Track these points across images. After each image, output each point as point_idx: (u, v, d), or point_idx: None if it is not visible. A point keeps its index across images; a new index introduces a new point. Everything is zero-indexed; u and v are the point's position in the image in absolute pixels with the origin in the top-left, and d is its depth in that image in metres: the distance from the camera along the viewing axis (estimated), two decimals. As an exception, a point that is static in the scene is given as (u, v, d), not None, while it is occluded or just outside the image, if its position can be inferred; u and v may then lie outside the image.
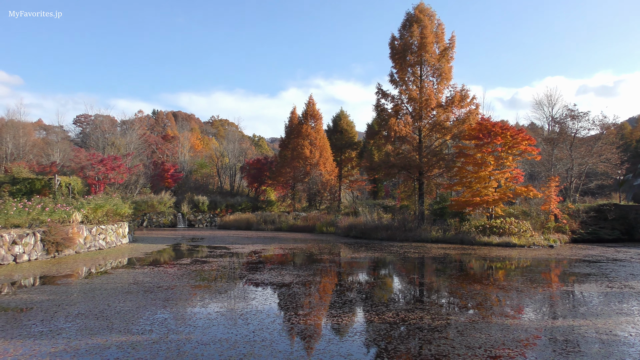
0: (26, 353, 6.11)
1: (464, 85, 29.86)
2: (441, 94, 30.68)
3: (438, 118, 30.11)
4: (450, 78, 30.55)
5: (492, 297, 10.51)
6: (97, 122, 59.74)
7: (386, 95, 32.13)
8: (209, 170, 63.70)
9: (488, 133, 25.86)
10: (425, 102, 29.70)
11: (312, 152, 46.82)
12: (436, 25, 30.63)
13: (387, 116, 31.61)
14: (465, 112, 29.62)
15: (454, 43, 30.43)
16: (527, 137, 25.95)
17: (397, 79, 31.43)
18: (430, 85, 30.69)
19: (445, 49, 30.30)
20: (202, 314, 8.55)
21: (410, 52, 30.34)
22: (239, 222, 41.89)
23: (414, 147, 31.41)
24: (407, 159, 30.56)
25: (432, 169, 30.64)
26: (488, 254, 19.86)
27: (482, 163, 26.19)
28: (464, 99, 29.45)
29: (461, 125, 29.12)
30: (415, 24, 30.07)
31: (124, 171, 36.69)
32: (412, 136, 31.43)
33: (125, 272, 13.95)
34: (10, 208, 17.02)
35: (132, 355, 6.03)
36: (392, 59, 31.50)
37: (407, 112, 31.41)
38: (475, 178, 26.62)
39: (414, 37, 30.04)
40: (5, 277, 12.57)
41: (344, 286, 12.07)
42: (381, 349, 6.52)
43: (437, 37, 30.30)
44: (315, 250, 21.36)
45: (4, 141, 48.14)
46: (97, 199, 23.43)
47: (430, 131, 30.85)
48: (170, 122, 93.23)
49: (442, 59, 30.13)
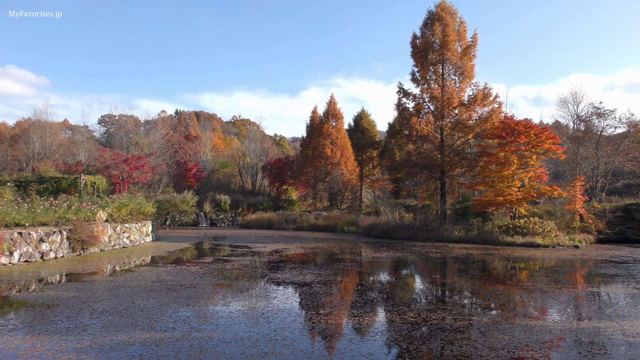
0: (53, 349, 6.23)
1: (487, 84, 29.56)
2: (463, 92, 30.39)
3: (460, 117, 29.84)
4: (472, 76, 30.24)
5: (515, 297, 10.38)
6: (121, 122, 60.56)
7: (407, 94, 31.96)
8: (231, 169, 64.11)
9: (511, 132, 25.53)
10: (447, 100, 29.46)
11: (334, 151, 46.79)
12: (458, 23, 30.35)
13: (409, 115, 31.44)
14: (487, 111, 29.28)
15: (477, 41, 30.12)
16: (551, 136, 25.55)
17: (419, 78, 31.23)
18: (452, 84, 30.42)
19: (468, 47, 30.00)
20: (224, 312, 8.61)
21: (432, 50, 30.12)
22: (260, 221, 42.09)
23: (435, 146, 31.19)
24: (429, 158, 30.36)
25: (454, 168, 30.37)
26: (511, 254, 19.62)
27: (505, 162, 25.86)
28: (486, 98, 29.12)
29: (484, 124, 28.80)
30: (437, 22, 29.84)
31: (147, 170, 37.13)
32: (434, 135, 31.22)
33: (148, 270, 14.14)
34: (38, 206, 17.35)
35: (156, 352, 6.11)
36: (413, 57, 31.31)
37: (429, 111, 31.19)
38: (498, 177, 26.31)
39: (435, 35, 29.81)
40: (32, 274, 12.84)
41: (365, 286, 12.05)
42: (402, 349, 6.49)
43: (459, 35, 30.02)
44: (337, 249, 21.35)
45: (31, 141, 49.17)
46: (122, 197, 23.75)
47: (452, 130, 30.59)
48: (193, 122, 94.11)
49: (464, 57, 29.84)
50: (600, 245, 24.16)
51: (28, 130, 52.82)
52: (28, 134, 51.05)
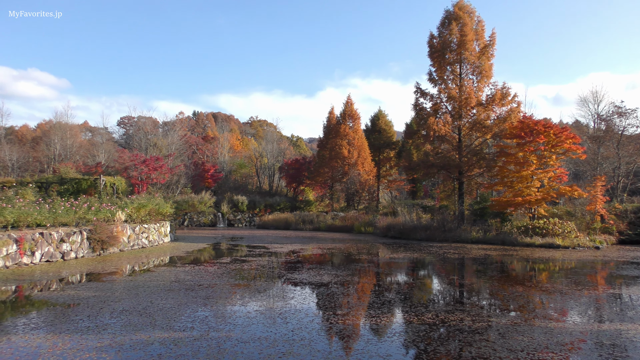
0: (74, 347, 6.32)
1: (505, 83, 29.27)
2: (481, 92, 30.15)
3: (478, 117, 29.61)
4: (490, 76, 29.99)
5: (534, 299, 10.26)
6: (140, 124, 61.22)
7: (425, 94, 31.81)
8: (248, 170, 64.43)
9: (530, 131, 25.27)
10: (465, 100, 29.25)
11: (350, 152, 46.76)
12: (476, 22, 30.13)
13: (426, 115, 31.29)
14: (506, 111, 29.01)
15: (495, 40, 29.86)
16: (571, 136, 25.22)
17: (436, 78, 31.07)
18: (470, 84, 30.20)
19: (486, 46, 29.76)
20: (241, 312, 8.65)
21: (450, 50, 29.95)
22: (277, 222, 42.22)
23: (453, 146, 31.00)
24: (446, 159, 30.19)
25: (472, 169, 30.14)
26: (530, 255, 19.40)
27: (524, 162, 25.60)
28: (505, 97, 28.85)
29: (502, 124, 28.54)
30: (454, 22, 29.65)
31: (165, 171, 37.46)
32: (452, 135, 31.02)
33: (167, 270, 14.26)
34: (59, 207, 17.60)
35: (174, 352, 6.16)
36: (430, 57, 31.16)
37: (447, 111, 31.01)
38: (517, 178, 26.05)
39: (453, 34, 29.63)
40: (53, 274, 13.03)
41: (382, 286, 12.01)
42: (420, 350, 6.46)
43: (477, 35, 29.80)
44: (354, 250, 21.32)
45: (52, 143, 49.97)
46: (140, 198, 23.99)
47: (470, 130, 30.37)
48: (210, 123, 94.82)
49: (482, 57, 29.61)
50: (622, 247, 23.77)
51: (49, 132, 53.73)
52: (49, 136, 51.92)
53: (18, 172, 48.32)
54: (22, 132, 73.13)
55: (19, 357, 5.91)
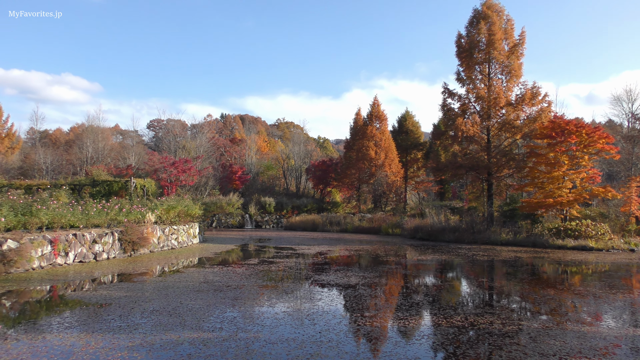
0: (106, 346, 6.45)
1: (535, 82, 28.75)
2: (510, 91, 29.71)
3: (507, 117, 29.17)
4: (520, 75, 29.52)
5: (567, 302, 10.05)
6: (169, 127, 62.18)
7: (452, 95, 31.52)
8: (275, 172, 64.75)
9: (561, 131, 24.78)
10: (494, 100, 28.86)
11: (377, 153, 46.59)
12: (505, 21, 29.72)
13: (454, 116, 31.00)
14: (536, 110, 28.51)
15: (524, 39, 29.40)
16: (604, 135, 24.64)
17: (464, 78, 30.75)
18: (498, 83, 29.79)
19: (515, 45, 29.31)
20: (269, 313, 8.70)
21: (478, 49, 29.60)
22: (304, 223, 42.31)
23: (482, 147, 30.61)
24: (475, 160, 29.83)
25: (501, 170, 29.72)
26: (562, 257, 19.02)
27: (555, 163, 25.12)
28: (535, 97, 28.36)
29: (532, 124, 28.06)
30: (482, 21, 29.31)
31: (194, 173, 37.89)
32: (480, 136, 30.65)
33: (196, 271, 14.43)
34: (91, 209, 17.97)
35: (204, 352, 6.23)
36: (458, 57, 30.86)
37: (475, 112, 30.66)
38: (548, 178, 25.57)
39: (481, 34, 29.29)
40: (86, 274, 13.32)
41: (410, 288, 11.93)
42: (449, 353, 6.39)
43: (506, 34, 29.39)
44: (381, 251, 21.23)
45: (84, 145, 51.09)
46: (170, 200, 24.33)
47: (499, 130, 29.95)
48: (238, 126, 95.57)
49: (512, 56, 29.17)
50: (658, 249, 23.10)
51: (82, 136, 54.94)
52: (82, 139, 53.09)
53: (52, 175, 49.51)
54: (56, 136, 74.93)
55: (54, 355, 6.06)
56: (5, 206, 14.54)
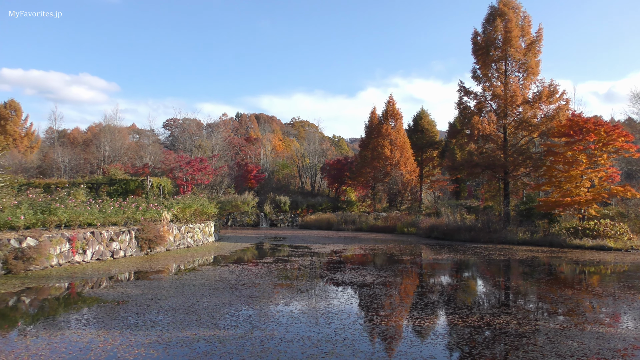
0: (123, 343, 6.52)
1: (553, 80, 28.43)
2: (527, 89, 29.41)
3: (524, 115, 28.87)
4: (537, 73, 29.21)
5: (585, 303, 9.93)
6: (185, 126, 62.58)
7: (468, 93, 31.30)
8: (290, 170, 64.88)
9: (579, 130, 24.48)
10: (511, 98, 28.60)
11: (393, 152, 46.44)
12: (522, 18, 29.42)
13: (470, 114, 30.80)
14: (554, 108, 28.19)
15: (541, 36, 29.07)
16: (623, 134, 24.29)
17: (480, 75, 30.53)
18: (515, 81, 29.51)
19: (532, 42, 29.00)
20: (284, 311, 8.72)
21: (494, 47, 29.37)
22: (319, 222, 42.33)
23: (498, 145, 30.35)
24: (491, 158, 29.60)
25: (518, 168, 29.44)
26: (580, 257, 18.79)
27: (573, 161, 24.83)
28: (552, 95, 28.05)
29: (549, 122, 27.76)
30: (498, 18, 29.06)
31: (209, 172, 38.11)
32: (497, 134, 30.40)
33: (211, 269, 14.52)
34: (108, 207, 18.16)
35: (219, 350, 6.27)
36: (474, 54, 30.64)
37: (491, 110, 30.43)
38: (566, 177, 25.28)
39: (497, 31, 29.03)
40: (103, 272, 13.47)
41: (425, 288, 11.88)
42: (465, 353, 6.35)
43: (522, 31, 29.10)
44: (396, 251, 21.16)
45: (102, 145, 51.66)
46: (186, 199, 24.50)
47: (515, 129, 29.68)
48: (253, 124, 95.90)
49: (529, 53, 28.87)
50: (679, 249, 22.73)
51: (99, 135, 55.55)
52: (99, 138, 53.69)
53: (70, 174, 50.17)
54: (74, 135, 75.87)
55: (72, 351, 6.14)
56: (25, 204, 14.76)
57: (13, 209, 14.18)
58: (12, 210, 14.11)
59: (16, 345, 6.46)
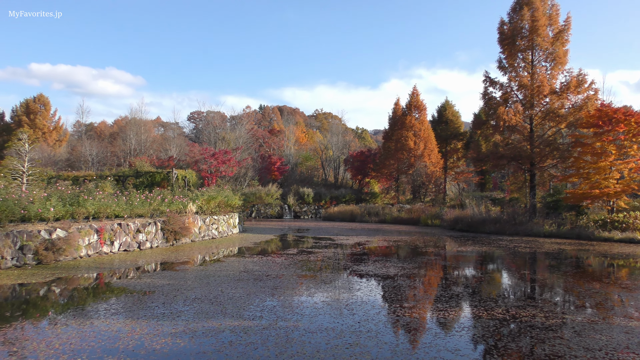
0: (150, 332, 6.64)
1: (581, 70, 27.83)
2: (555, 79, 28.86)
3: (551, 105, 28.37)
4: (565, 62, 28.62)
5: (613, 296, 9.76)
6: (209, 118, 63.13)
7: (494, 83, 30.87)
8: (314, 162, 64.93)
9: (609, 120, 23.94)
10: (537, 88, 28.12)
11: (417, 143, 46.13)
12: (549, 6, 28.82)
13: (495, 105, 30.39)
14: (582, 99, 27.62)
15: (570, 24, 28.46)
16: (655, 124, 23.68)
17: (506, 65, 30.07)
18: (542, 71, 28.98)
19: (560, 31, 28.41)
20: (308, 302, 8.77)
21: (521, 36, 28.87)
22: (343, 214, 42.33)
23: (524, 136, 29.90)
24: (517, 149, 29.19)
25: (544, 160, 28.98)
26: (609, 250, 18.45)
27: (601, 153, 24.32)
28: (580, 84, 27.48)
29: (578, 113, 27.21)
30: (525, 7, 28.54)
31: (233, 164, 38.38)
32: (523, 125, 29.94)
33: (236, 260, 14.66)
34: (135, 199, 18.43)
35: (244, 340, 6.34)
36: (500, 44, 30.18)
37: (517, 100, 29.96)
38: (594, 169, 24.78)
39: (524, 20, 28.52)
40: (131, 262, 13.72)
41: (450, 280, 11.81)
42: (490, 346, 6.31)
43: (550, 19, 28.52)
44: (420, 242, 21.07)
45: (128, 138, 52.43)
46: (210, 191, 24.72)
47: (542, 119, 29.20)
48: (276, 117, 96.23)
49: (556, 42, 28.31)
50: None
51: (125, 128, 56.42)
52: (125, 132, 54.52)
53: (97, 166, 51.04)
54: (101, 128, 77.18)
55: (101, 340, 6.28)
56: (54, 197, 15.07)
57: (43, 201, 14.49)
58: (42, 202, 14.42)
59: (47, 333, 6.63)
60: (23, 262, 12.54)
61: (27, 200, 14.04)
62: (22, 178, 20.13)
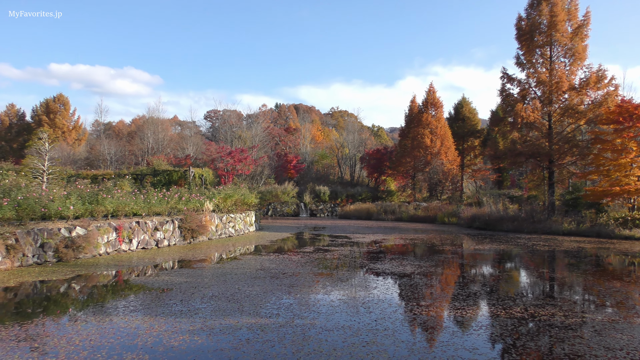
0: (169, 329, 6.69)
1: (601, 65, 27.43)
2: (574, 75, 28.49)
3: (570, 102, 28.01)
4: (584, 58, 28.23)
5: (634, 295, 9.60)
6: (225, 117, 63.43)
7: (512, 80, 30.58)
8: (330, 160, 64.92)
9: (629, 116, 23.56)
10: (556, 85, 27.77)
11: (433, 141, 45.88)
12: (568, 1, 28.43)
13: (513, 101, 30.10)
14: (602, 95, 27.23)
15: (589, 19, 28.06)
16: (677, 120, 23.25)
17: (524, 62, 29.76)
18: (561, 67, 28.61)
19: (579, 26, 28.02)
20: (325, 300, 8.77)
21: (539, 32, 28.54)
22: (359, 212, 42.29)
23: (542, 133, 29.58)
24: (535, 147, 28.88)
25: (563, 157, 28.63)
26: (630, 248, 18.16)
27: (622, 149, 23.95)
28: (600, 80, 27.07)
29: (597, 109, 26.83)
30: (544, 2, 28.20)
31: (250, 163, 38.54)
32: (541, 122, 29.62)
33: (252, 258, 14.72)
34: (152, 197, 18.57)
35: (261, 337, 6.36)
36: (518, 40, 29.89)
37: (535, 97, 29.63)
38: (615, 166, 24.42)
39: (542, 15, 28.19)
40: (149, 260, 13.85)
41: (467, 278, 11.72)
42: (508, 345, 6.25)
43: (569, 14, 28.14)
44: (437, 241, 20.95)
45: (145, 137, 52.93)
46: (227, 189, 24.84)
47: (561, 116, 28.84)
48: (292, 115, 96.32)
49: (575, 38, 27.92)
50: None
51: (143, 127, 56.97)
52: (143, 131, 55.06)
53: (116, 165, 51.65)
54: (119, 127, 78.04)
55: (120, 337, 6.35)
56: (74, 195, 15.25)
57: (63, 200, 14.68)
58: (62, 200, 14.60)
59: (67, 330, 6.73)
60: (44, 259, 12.73)
61: (47, 198, 14.22)
62: (43, 177, 20.44)
